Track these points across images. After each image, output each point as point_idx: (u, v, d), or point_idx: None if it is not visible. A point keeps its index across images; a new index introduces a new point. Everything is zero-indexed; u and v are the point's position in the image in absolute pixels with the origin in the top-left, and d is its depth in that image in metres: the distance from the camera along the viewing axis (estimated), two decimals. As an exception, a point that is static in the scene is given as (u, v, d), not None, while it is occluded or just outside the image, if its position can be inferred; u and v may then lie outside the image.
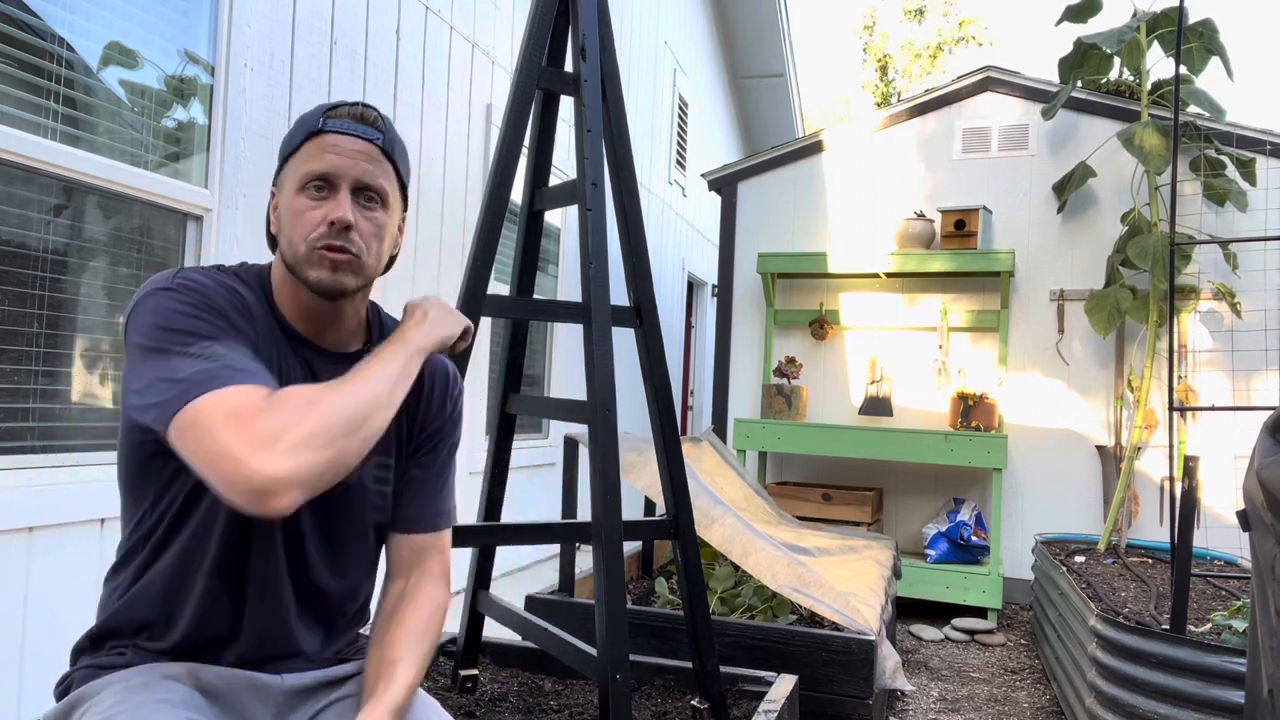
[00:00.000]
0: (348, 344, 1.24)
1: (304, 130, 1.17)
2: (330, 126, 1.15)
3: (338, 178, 1.14)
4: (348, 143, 1.15)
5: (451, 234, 4.11)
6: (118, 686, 1.07)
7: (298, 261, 1.14)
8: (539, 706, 2.12)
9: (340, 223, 1.12)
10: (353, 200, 1.15)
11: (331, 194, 1.14)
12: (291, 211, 1.14)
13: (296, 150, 1.16)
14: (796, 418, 5.00)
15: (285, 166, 1.18)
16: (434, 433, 1.31)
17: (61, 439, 2.27)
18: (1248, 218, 4.54)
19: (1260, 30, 37.53)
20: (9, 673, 2.09)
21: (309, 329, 1.20)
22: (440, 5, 3.96)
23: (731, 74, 9.69)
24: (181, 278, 1.10)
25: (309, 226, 1.13)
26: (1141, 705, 2.32)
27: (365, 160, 1.15)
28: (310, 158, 1.14)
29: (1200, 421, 4.58)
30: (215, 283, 1.13)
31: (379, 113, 1.20)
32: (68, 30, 2.29)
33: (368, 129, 1.17)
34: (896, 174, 5.31)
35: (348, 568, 1.25)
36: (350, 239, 1.13)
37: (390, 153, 1.19)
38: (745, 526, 2.72)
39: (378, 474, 1.24)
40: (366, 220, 1.16)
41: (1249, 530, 1.30)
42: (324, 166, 1.13)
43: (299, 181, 1.14)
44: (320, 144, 1.14)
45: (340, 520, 1.22)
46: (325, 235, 1.12)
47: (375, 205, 1.17)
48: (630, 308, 1.95)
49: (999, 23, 35.25)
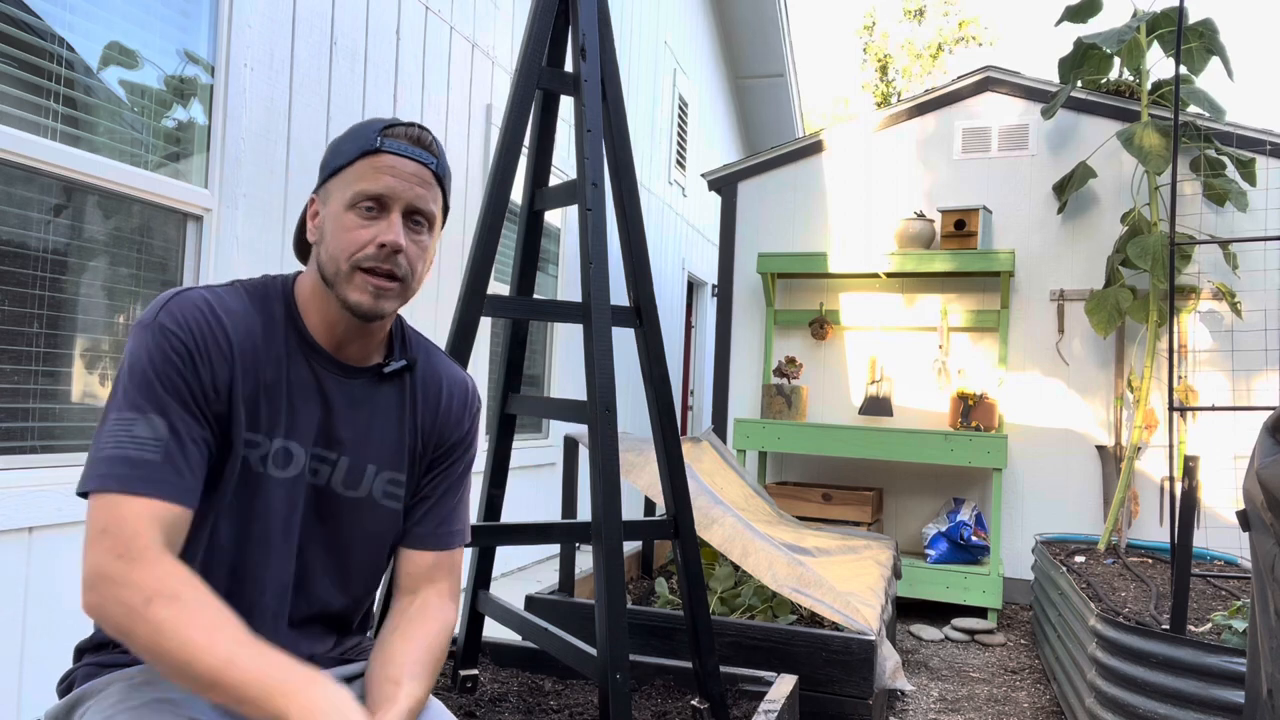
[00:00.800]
0: (370, 357, 1.23)
1: (359, 147, 1.15)
2: (387, 147, 1.14)
3: (391, 200, 1.13)
4: (404, 165, 1.14)
5: (451, 234, 4.11)
6: (120, 685, 1.07)
7: (339, 279, 1.13)
8: (539, 706, 2.12)
9: (392, 246, 1.12)
10: (402, 222, 1.15)
11: (382, 215, 1.13)
12: (339, 227, 1.13)
13: (349, 165, 1.15)
14: (796, 418, 5.00)
15: (334, 179, 1.16)
16: (450, 449, 1.30)
17: (61, 439, 2.27)
18: (1248, 218, 4.54)
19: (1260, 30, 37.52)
20: (9, 672, 2.09)
21: (332, 342, 1.19)
22: (440, 5, 3.96)
23: (731, 74, 9.69)
24: (167, 313, 1.07)
25: (356, 245, 1.12)
26: (1141, 705, 2.32)
27: (419, 184, 1.15)
28: (364, 176, 1.13)
29: (1200, 421, 4.59)
30: (206, 314, 1.09)
31: (433, 136, 1.20)
32: (68, 30, 2.29)
33: (424, 153, 1.17)
34: (896, 174, 5.31)
35: (354, 583, 1.24)
36: (398, 262, 1.13)
37: (441, 178, 1.19)
38: (745, 526, 2.72)
39: (388, 489, 1.23)
40: (414, 244, 1.16)
41: (1249, 530, 1.30)
42: (379, 188, 1.12)
43: (350, 199, 1.13)
44: (375, 164, 1.13)
45: (347, 535, 1.21)
46: (373, 257, 1.12)
47: (422, 228, 1.17)
48: (630, 308, 1.96)
49: (999, 23, 35.27)
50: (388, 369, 1.22)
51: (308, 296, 1.19)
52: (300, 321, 1.18)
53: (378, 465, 1.22)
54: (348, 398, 1.20)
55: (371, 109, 3.47)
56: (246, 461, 1.12)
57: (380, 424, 1.22)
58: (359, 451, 1.21)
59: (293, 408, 1.15)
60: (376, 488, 1.22)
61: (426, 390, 1.28)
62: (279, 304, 1.18)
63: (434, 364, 1.31)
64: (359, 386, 1.21)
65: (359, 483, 1.21)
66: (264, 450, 1.13)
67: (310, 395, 1.17)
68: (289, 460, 1.15)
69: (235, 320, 1.12)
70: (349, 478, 1.20)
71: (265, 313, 1.16)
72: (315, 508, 1.19)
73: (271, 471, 1.14)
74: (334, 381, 1.19)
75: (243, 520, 1.13)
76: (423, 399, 1.27)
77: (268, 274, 1.23)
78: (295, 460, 1.16)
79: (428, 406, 1.27)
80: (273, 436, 1.14)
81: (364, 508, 1.21)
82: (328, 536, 1.20)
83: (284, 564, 1.16)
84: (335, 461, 1.19)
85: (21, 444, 2.17)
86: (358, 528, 1.21)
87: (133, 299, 2.49)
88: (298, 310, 1.19)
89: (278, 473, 1.14)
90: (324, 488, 1.19)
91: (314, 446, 1.17)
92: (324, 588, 1.21)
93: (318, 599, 1.21)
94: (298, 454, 1.16)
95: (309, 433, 1.16)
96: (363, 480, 1.21)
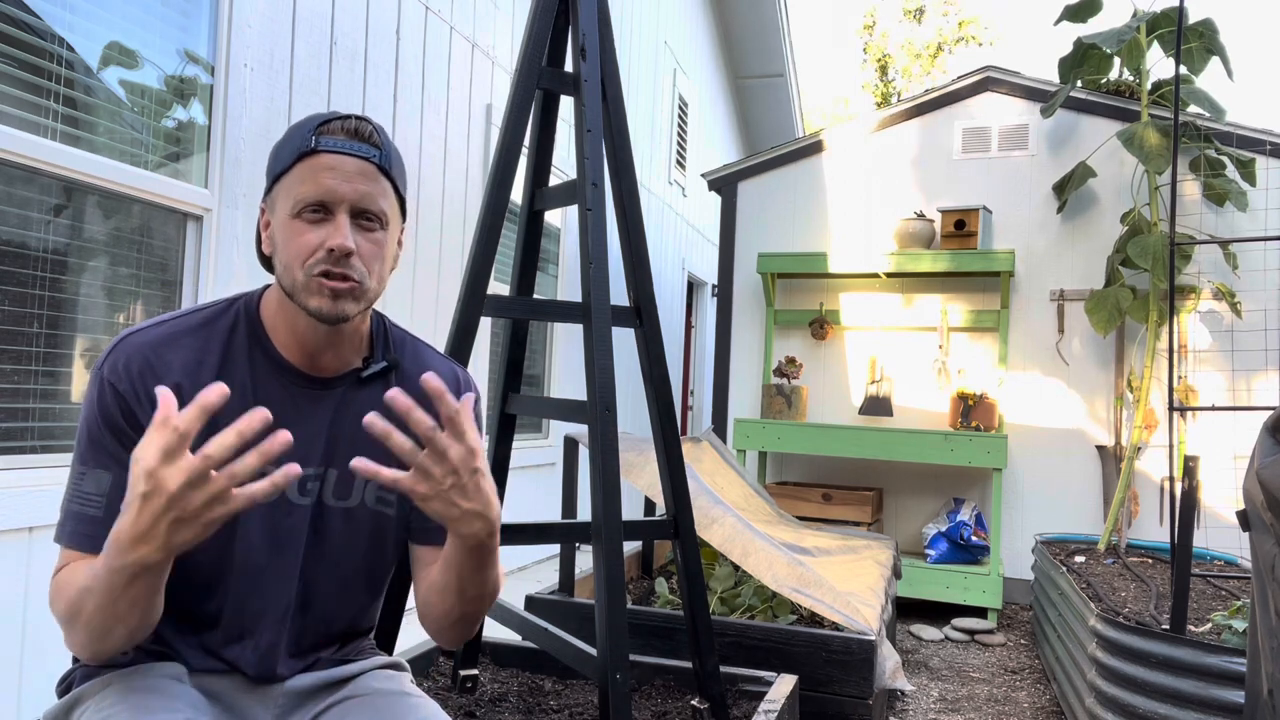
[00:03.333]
0: (349, 363, 1.20)
1: (295, 150, 1.09)
2: (324, 145, 1.08)
3: (334, 202, 1.07)
4: (343, 163, 1.08)
5: (451, 234, 4.11)
6: (119, 685, 1.07)
7: (296, 289, 1.08)
8: (539, 706, 2.12)
9: (340, 250, 1.06)
10: (351, 222, 1.09)
11: (329, 218, 1.08)
12: (287, 237, 1.08)
13: (288, 171, 1.09)
14: (796, 418, 5.00)
15: (276, 186, 1.11)
16: None
17: (61, 439, 2.27)
18: (1248, 218, 4.54)
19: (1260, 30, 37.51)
20: (10, 671, 2.09)
21: (303, 355, 1.16)
22: (440, 5, 3.96)
23: (731, 74, 9.69)
24: (109, 364, 1.08)
25: (306, 252, 1.07)
26: (1141, 705, 2.32)
27: (362, 181, 1.08)
28: (303, 180, 1.07)
29: (1200, 421, 4.58)
30: (148, 356, 1.09)
31: (374, 125, 1.12)
32: (68, 30, 2.29)
33: (364, 146, 1.10)
34: (896, 174, 5.31)
35: (358, 593, 1.23)
36: (351, 265, 1.08)
37: (388, 170, 1.12)
38: (745, 526, 2.72)
39: (380, 494, 1.21)
40: (368, 242, 1.10)
41: (1249, 530, 1.30)
42: (319, 192, 1.07)
43: (293, 206, 1.08)
44: (314, 165, 1.07)
45: (346, 547, 1.19)
46: (324, 261, 1.07)
47: (375, 225, 1.11)
48: (630, 308, 1.96)
49: (999, 23, 35.26)
50: (365, 373, 1.19)
51: (274, 312, 1.16)
52: (267, 341, 1.15)
53: None
54: (328, 409, 1.17)
55: (371, 109, 3.47)
56: None
57: (363, 430, 1.19)
58: (346, 461, 1.18)
59: (266, 431, 1.12)
60: (368, 496, 1.20)
61: (413, 388, 1.24)
62: (241, 328, 1.15)
63: (421, 361, 1.28)
64: (338, 395, 1.18)
65: (349, 493, 1.19)
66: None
67: (286, 415, 1.15)
68: None
69: (185, 356, 1.10)
70: (339, 489, 1.18)
71: (223, 342, 1.14)
72: (314, 527, 1.17)
73: None
74: (310, 395, 1.16)
75: (221, 551, 1.11)
76: (411, 397, 1.26)
77: (237, 294, 1.20)
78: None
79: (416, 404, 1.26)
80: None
81: (358, 517, 1.20)
82: (328, 553, 1.18)
83: (280, 588, 1.14)
84: (324, 475, 1.17)
85: (21, 444, 2.17)
86: (355, 538, 1.20)
87: (133, 299, 2.49)
88: (264, 329, 1.16)
89: None
90: (318, 504, 1.17)
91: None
92: (329, 605, 1.20)
93: (323, 617, 1.20)
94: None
95: (289, 453, 1.13)
96: (353, 490, 1.19)
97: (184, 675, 1.13)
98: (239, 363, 1.14)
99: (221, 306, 1.17)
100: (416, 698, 1.18)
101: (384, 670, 1.26)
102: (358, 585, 1.22)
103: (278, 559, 1.14)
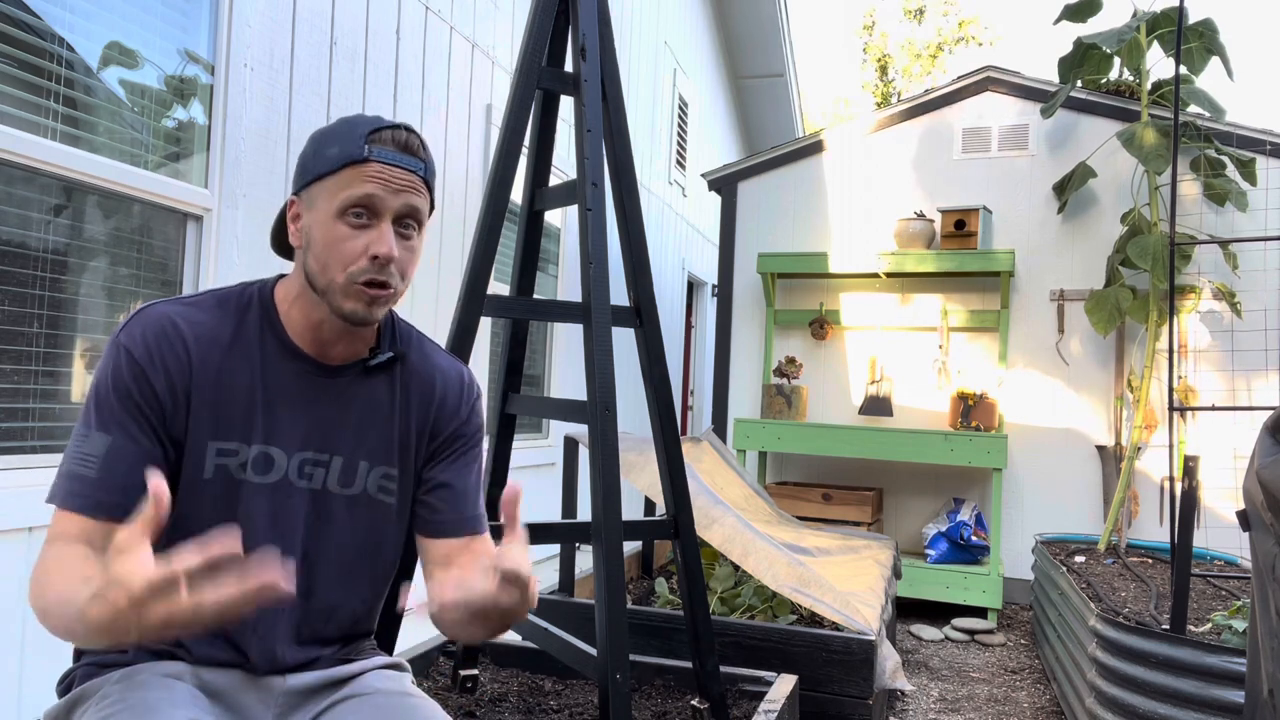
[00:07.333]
0: (358, 354, 1.23)
1: (345, 154, 1.12)
2: (376, 155, 1.12)
3: (382, 209, 1.12)
4: (393, 174, 1.12)
5: (451, 234, 4.11)
6: (120, 684, 1.07)
7: (332, 289, 1.12)
8: (539, 706, 2.12)
9: (385, 257, 1.10)
10: (392, 229, 1.13)
11: (373, 222, 1.12)
12: (330, 237, 1.11)
13: (335, 173, 1.12)
14: (796, 418, 5.00)
15: (318, 184, 1.13)
16: (451, 438, 1.29)
17: (61, 439, 2.27)
18: (1248, 218, 4.54)
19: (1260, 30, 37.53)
20: (10, 671, 2.09)
21: (315, 344, 1.19)
22: (440, 5, 3.96)
23: (731, 74, 9.69)
24: (127, 332, 1.11)
25: (349, 257, 1.11)
26: (1141, 705, 2.32)
27: (409, 193, 1.13)
28: (351, 184, 1.11)
29: (1200, 421, 4.58)
30: (165, 327, 1.11)
31: (420, 139, 1.17)
32: (68, 30, 2.29)
33: (413, 160, 1.14)
34: (896, 174, 5.31)
35: (360, 583, 1.24)
36: (390, 272, 1.12)
37: (430, 181, 1.17)
38: (745, 526, 2.72)
39: (381, 483, 1.23)
40: (405, 249, 1.14)
41: (1249, 530, 1.30)
42: (367, 200, 1.11)
43: (338, 207, 1.11)
44: (363, 172, 1.11)
45: (349, 534, 1.21)
46: (368, 269, 1.11)
47: (412, 232, 1.16)
48: (630, 308, 1.95)
49: (999, 23, 35.27)
50: (372, 362, 1.22)
51: (291, 300, 1.18)
52: (280, 326, 1.18)
53: (370, 461, 1.22)
54: (333, 396, 1.20)
55: (372, 108, 3.47)
56: (226, 470, 1.12)
57: (369, 419, 1.22)
58: (350, 449, 1.20)
59: (271, 413, 1.15)
60: (370, 483, 1.22)
61: (418, 382, 1.27)
62: (254, 311, 1.18)
63: (426, 355, 1.30)
64: (344, 383, 1.21)
65: (353, 480, 1.21)
66: (242, 458, 1.13)
67: (292, 399, 1.17)
68: (269, 466, 1.15)
69: (198, 330, 1.13)
70: (344, 476, 1.20)
71: (236, 321, 1.16)
72: (317, 512, 1.19)
73: (251, 478, 1.14)
74: (317, 382, 1.19)
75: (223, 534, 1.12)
76: (414, 391, 1.26)
77: (246, 281, 1.23)
78: (276, 466, 1.15)
79: (420, 398, 1.27)
80: (250, 443, 1.14)
81: (360, 504, 1.21)
82: (332, 539, 1.20)
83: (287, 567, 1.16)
84: (328, 462, 1.19)
85: (21, 444, 2.17)
86: (357, 525, 1.21)
87: (133, 299, 2.49)
88: (277, 315, 1.18)
89: (258, 479, 1.14)
90: (321, 491, 1.19)
91: (302, 451, 1.17)
92: (331, 592, 1.21)
93: (327, 604, 1.21)
94: (279, 459, 1.16)
95: (294, 437, 1.16)
96: (356, 477, 1.21)
97: (185, 674, 1.13)
98: (250, 342, 1.16)
99: (236, 290, 1.20)
100: (417, 698, 1.19)
101: (385, 670, 1.26)
102: (359, 574, 1.23)
103: (279, 542, 1.15)
